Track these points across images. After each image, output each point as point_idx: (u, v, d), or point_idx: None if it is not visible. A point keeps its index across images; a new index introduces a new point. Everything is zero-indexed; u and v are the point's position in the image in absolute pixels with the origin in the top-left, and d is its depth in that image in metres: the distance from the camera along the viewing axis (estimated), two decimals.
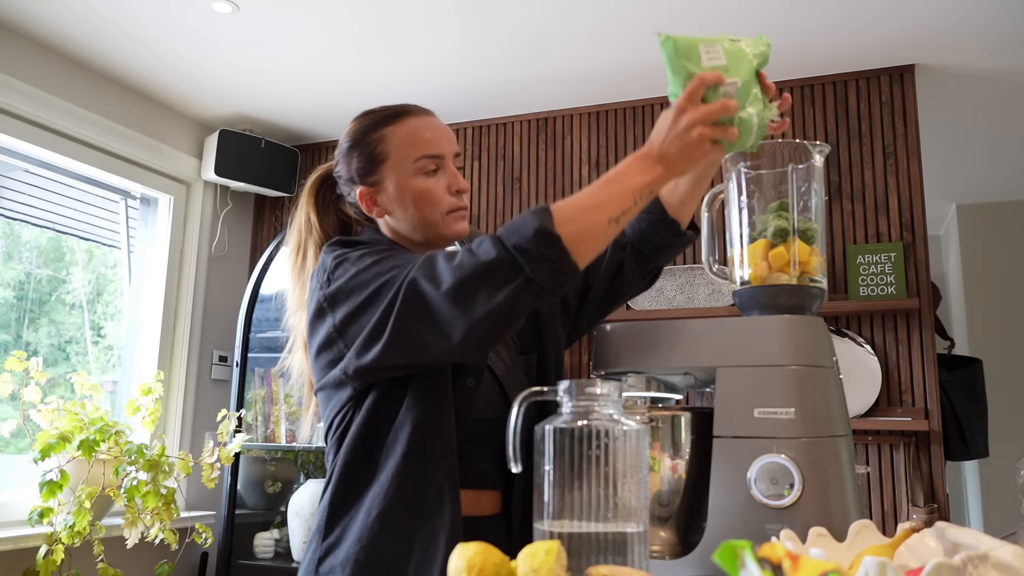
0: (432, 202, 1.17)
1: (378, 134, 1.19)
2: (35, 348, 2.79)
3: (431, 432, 1.04)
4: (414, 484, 1.03)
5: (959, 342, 4.21)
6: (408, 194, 1.17)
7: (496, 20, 2.51)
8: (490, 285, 0.94)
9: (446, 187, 1.18)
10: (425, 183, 1.17)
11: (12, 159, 2.68)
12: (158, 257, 3.18)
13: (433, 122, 1.22)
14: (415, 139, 1.18)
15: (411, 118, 1.20)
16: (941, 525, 0.75)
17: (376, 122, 1.21)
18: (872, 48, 2.66)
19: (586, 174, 3.13)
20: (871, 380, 2.63)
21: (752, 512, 0.91)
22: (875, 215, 2.75)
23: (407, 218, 1.19)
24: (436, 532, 1.00)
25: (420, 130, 1.19)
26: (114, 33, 2.59)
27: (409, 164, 1.17)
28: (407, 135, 1.18)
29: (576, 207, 0.97)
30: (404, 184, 1.17)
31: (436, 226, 1.18)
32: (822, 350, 0.97)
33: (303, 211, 1.27)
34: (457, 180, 1.20)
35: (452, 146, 1.21)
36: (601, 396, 0.88)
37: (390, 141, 1.19)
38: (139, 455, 2.42)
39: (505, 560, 0.72)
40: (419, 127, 1.19)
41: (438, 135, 1.20)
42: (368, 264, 1.05)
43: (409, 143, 1.18)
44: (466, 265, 0.96)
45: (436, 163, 1.18)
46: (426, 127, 1.20)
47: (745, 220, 1.06)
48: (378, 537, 1.01)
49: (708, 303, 2.83)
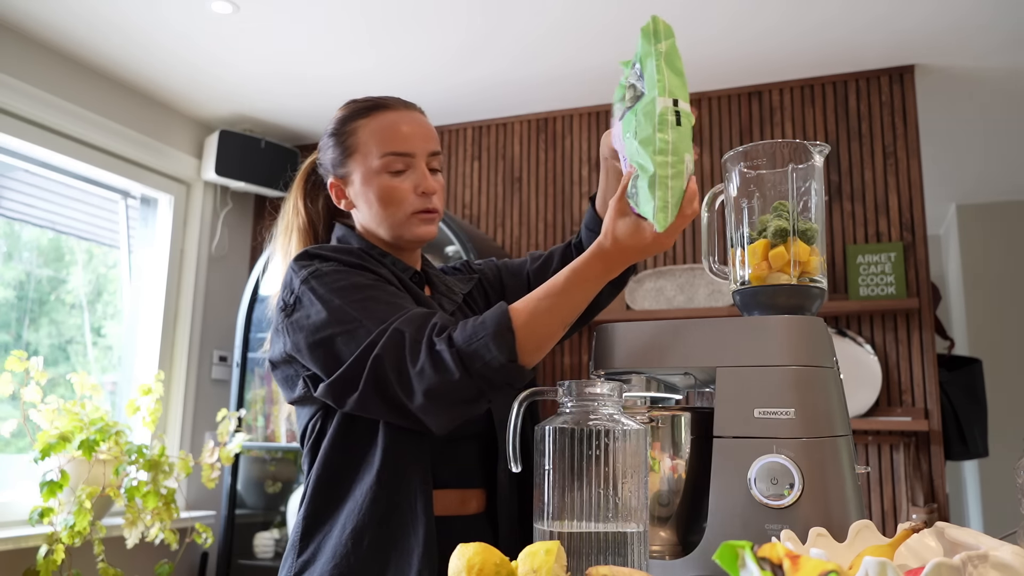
0: (395, 202, 1.14)
1: (352, 125, 1.16)
2: (35, 348, 2.79)
3: (405, 443, 1.03)
4: (388, 499, 1.02)
5: (959, 342, 4.21)
6: (372, 190, 1.14)
7: (496, 21, 2.51)
8: (449, 401, 0.96)
9: (412, 187, 1.14)
10: (390, 181, 1.14)
11: (12, 159, 2.68)
12: (158, 257, 3.18)
13: (411, 118, 1.17)
14: (385, 135, 1.14)
15: (387, 112, 1.16)
16: (941, 525, 0.75)
17: (352, 113, 1.18)
18: (872, 48, 2.66)
19: (586, 174, 3.13)
20: (871, 380, 2.63)
21: (752, 512, 0.91)
22: (875, 215, 2.75)
23: (371, 215, 1.16)
24: (410, 551, 1.00)
25: (394, 125, 1.15)
26: (114, 33, 2.59)
27: (375, 160, 1.13)
28: (378, 130, 1.15)
29: (539, 323, 0.98)
30: (369, 180, 1.14)
31: (399, 227, 1.15)
32: (822, 350, 0.97)
33: (292, 196, 1.26)
34: (425, 181, 1.15)
35: (427, 145, 1.16)
36: (601, 396, 0.88)
37: (361, 134, 1.15)
38: (139, 455, 2.42)
39: (505, 560, 0.72)
40: (393, 122, 1.15)
41: (412, 132, 1.15)
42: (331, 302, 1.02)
43: (378, 138, 1.14)
44: (428, 378, 0.95)
45: (405, 162, 1.14)
46: (402, 122, 1.15)
47: (745, 220, 1.06)
48: (351, 555, 1.01)
49: (708, 303, 2.83)
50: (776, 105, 2.92)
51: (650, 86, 0.93)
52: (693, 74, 2.87)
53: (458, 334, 0.97)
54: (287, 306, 1.06)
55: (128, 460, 2.42)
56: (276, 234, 1.28)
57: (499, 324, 0.96)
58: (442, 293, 1.22)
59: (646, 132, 0.90)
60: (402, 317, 0.99)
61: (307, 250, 1.11)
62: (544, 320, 0.98)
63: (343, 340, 1.00)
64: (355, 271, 1.07)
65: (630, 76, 0.98)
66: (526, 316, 0.98)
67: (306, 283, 1.05)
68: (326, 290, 1.03)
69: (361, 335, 0.99)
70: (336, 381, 0.99)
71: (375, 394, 0.98)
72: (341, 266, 1.08)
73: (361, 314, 1.00)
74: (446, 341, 0.96)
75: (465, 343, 0.95)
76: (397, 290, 1.08)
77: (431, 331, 0.98)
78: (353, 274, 1.06)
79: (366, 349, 0.98)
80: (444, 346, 0.95)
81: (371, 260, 1.11)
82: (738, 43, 2.64)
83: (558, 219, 3.14)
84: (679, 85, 0.92)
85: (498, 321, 0.96)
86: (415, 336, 0.97)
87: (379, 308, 1.01)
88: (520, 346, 0.96)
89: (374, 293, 1.04)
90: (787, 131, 2.89)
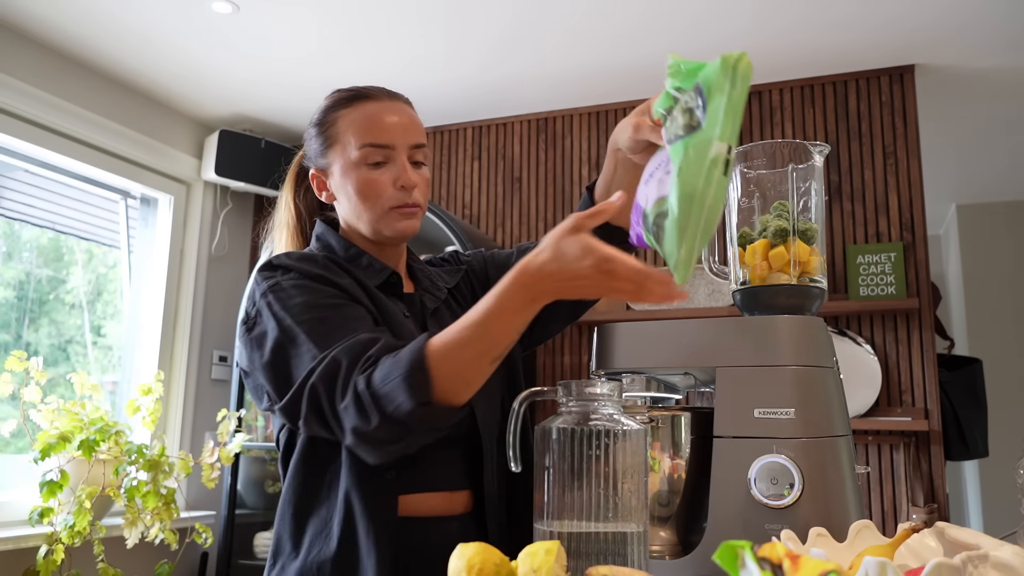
0: (372, 195, 1.10)
1: (333, 115, 1.13)
2: (35, 348, 2.79)
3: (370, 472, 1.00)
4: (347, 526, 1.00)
5: (959, 342, 4.21)
6: (350, 183, 1.11)
7: (499, 20, 2.51)
8: (374, 442, 0.91)
9: (392, 180, 1.10)
10: (368, 174, 1.10)
11: (12, 159, 2.68)
12: (158, 257, 3.18)
13: (394, 109, 1.13)
14: (364, 126, 1.10)
15: (369, 103, 1.12)
16: (941, 525, 0.75)
17: (335, 103, 1.15)
18: (872, 48, 2.66)
19: (586, 174, 3.13)
20: (871, 380, 2.63)
21: (752, 512, 0.91)
22: (875, 215, 2.75)
23: (350, 208, 1.13)
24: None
25: (374, 116, 1.11)
26: (114, 33, 2.59)
27: (354, 151, 1.10)
28: (358, 120, 1.11)
29: (459, 360, 0.89)
30: (347, 172, 1.11)
31: (377, 221, 1.11)
32: (822, 350, 0.97)
33: (284, 191, 1.25)
34: (405, 174, 1.10)
35: (409, 137, 1.11)
36: (601, 396, 0.88)
37: (340, 124, 1.12)
38: (139, 455, 2.42)
39: (505, 560, 0.72)
40: (374, 113, 1.11)
41: (393, 124, 1.11)
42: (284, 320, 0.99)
43: (357, 129, 1.10)
44: (351, 418, 0.91)
45: (384, 154, 1.10)
46: (384, 113, 1.11)
47: (745, 220, 1.06)
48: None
49: (708, 303, 2.83)
50: (776, 105, 2.92)
51: (711, 123, 0.84)
52: None
53: (377, 372, 0.91)
54: (248, 319, 1.04)
55: (128, 460, 2.42)
56: (271, 229, 1.27)
57: (411, 364, 0.89)
58: (425, 288, 1.19)
59: (692, 177, 0.82)
60: (343, 345, 0.94)
61: (271, 260, 1.08)
62: (464, 356, 0.90)
63: (294, 362, 0.97)
64: (314, 285, 1.03)
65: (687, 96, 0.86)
66: (443, 352, 0.89)
67: (265, 297, 1.03)
68: (281, 306, 1.00)
69: (306, 360, 0.95)
70: (284, 405, 0.97)
71: (316, 422, 0.95)
72: (301, 279, 1.04)
73: (310, 336, 0.97)
74: (366, 380, 0.90)
75: (380, 384, 0.89)
76: (357, 305, 1.03)
77: (362, 365, 0.92)
78: (310, 290, 1.02)
79: (306, 376, 0.94)
80: (364, 386, 0.90)
81: (335, 270, 1.07)
82: (738, 42, 2.64)
83: (558, 219, 3.14)
84: (735, 134, 0.85)
85: (411, 360, 0.89)
86: (348, 368, 0.92)
87: (327, 331, 0.97)
88: (437, 386, 0.88)
89: (326, 313, 1.00)
90: (787, 131, 2.89)
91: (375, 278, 1.12)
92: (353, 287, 1.06)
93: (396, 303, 1.12)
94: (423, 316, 1.15)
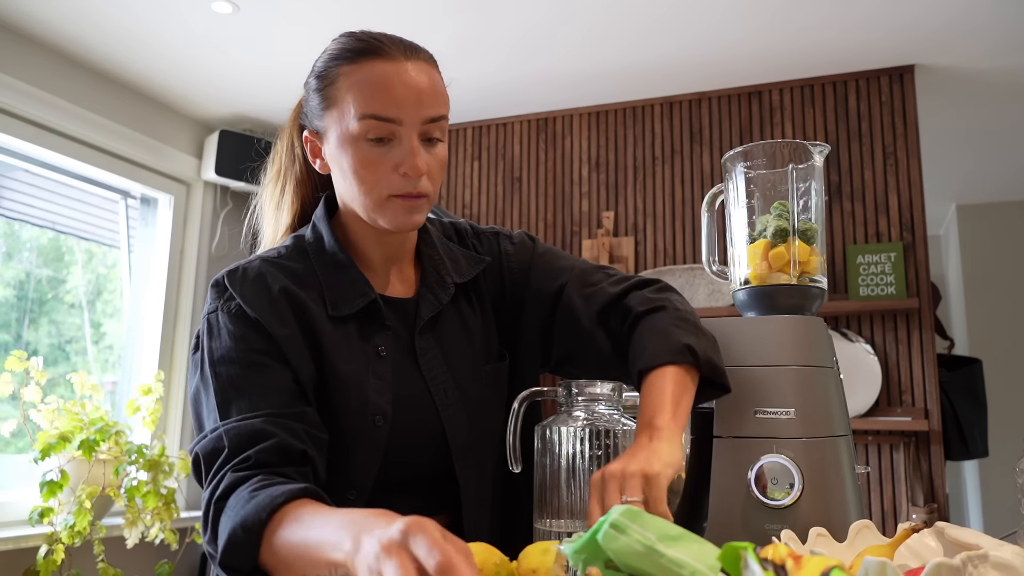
0: (370, 179, 0.91)
1: (336, 70, 0.93)
2: (35, 348, 2.79)
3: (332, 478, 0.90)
4: None
5: (959, 342, 4.21)
6: (346, 158, 0.91)
7: (496, 19, 2.51)
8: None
9: (395, 164, 0.90)
10: (368, 152, 0.90)
11: (12, 159, 2.68)
12: (158, 257, 3.18)
13: (409, 71, 0.90)
14: (369, 92, 0.89)
15: (378, 62, 0.90)
16: (941, 525, 0.75)
17: (338, 53, 0.94)
18: (872, 48, 2.66)
19: (586, 174, 3.13)
20: (871, 380, 2.63)
21: (752, 512, 0.91)
22: (875, 215, 2.75)
23: (346, 187, 0.95)
24: None
25: (382, 81, 0.89)
26: (114, 33, 2.59)
27: (352, 121, 0.90)
28: (361, 83, 0.90)
29: (282, 551, 0.72)
30: (343, 144, 0.91)
31: (375, 210, 0.92)
32: (822, 350, 0.97)
33: (285, 133, 1.06)
34: (412, 159, 0.89)
35: (424, 109, 0.90)
36: (601, 396, 0.88)
37: (341, 84, 0.92)
38: (139, 455, 2.42)
39: (505, 560, 0.72)
40: (383, 76, 0.90)
41: (405, 93, 0.89)
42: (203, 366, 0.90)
43: (359, 95, 0.90)
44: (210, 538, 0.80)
45: (389, 129, 0.89)
46: (394, 77, 0.90)
47: (745, 220, 1.06)
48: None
49: (708, 303, 2.83)
50: (776, 105, 2.92)
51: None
52: (694, 74, 2.88)
53: (233, 495, 0.78)
54: (196, 338, 0.94)
55: (128, 460, 2.42)
56: (264, 182, 1.08)
57: (246, 520, 0.74)
58: (428, 287, 1.01)
59: None
60: (237, 424, 0.83)
61: (224, 276, 0.93)
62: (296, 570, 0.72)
63: (204, 411, 0.89)
64: (246, 333, 0.89)
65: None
66: (283, 547, 0.72)
67: (203, 322, 0.93)
68: (208, 346, 0.90)
69: (208, 419, 0.87)
70: (191, 449, 0.87)
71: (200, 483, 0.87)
72: (238, 319, 0.90)
73: (217, 394, 0.86)
74: (220, 492, 0.79)
75: (227, 508, 0.78)
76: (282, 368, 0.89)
77: (236, 464, 0.81)
78: (238, 338, 0.89)
79: (197, 441, 0.86)
80: (215, 497, 0.79)
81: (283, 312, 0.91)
82: (738, 43, 2.64)
83: (558, 219, 3.14)
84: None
85: (251, 516, 0.74)
86: (224, 460, 0.82)
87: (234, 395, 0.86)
88: (264, 560, 0.74)
89: (243, 372, 0.87)
90: (787, 131, 2.89)
91: (352, 303, 0.95)
92: (292, 341, 0.90)
93: (373, 336, 0.96)
94: (412, 334, 0.98)
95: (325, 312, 0.94)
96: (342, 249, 0.97)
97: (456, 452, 0.96)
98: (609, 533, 0.58)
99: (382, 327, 0.96)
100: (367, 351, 0.94)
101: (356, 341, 0.94)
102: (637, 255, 3.00)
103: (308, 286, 0.95)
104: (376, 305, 0.96)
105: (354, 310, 0.94)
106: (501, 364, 1.04)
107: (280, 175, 1.06)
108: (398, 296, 1.01)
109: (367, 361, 0.94)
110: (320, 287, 0.95)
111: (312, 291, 0.94)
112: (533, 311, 1.05)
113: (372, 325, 0.96)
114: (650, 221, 3.01)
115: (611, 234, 3.04)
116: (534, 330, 1.06)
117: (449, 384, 0.98)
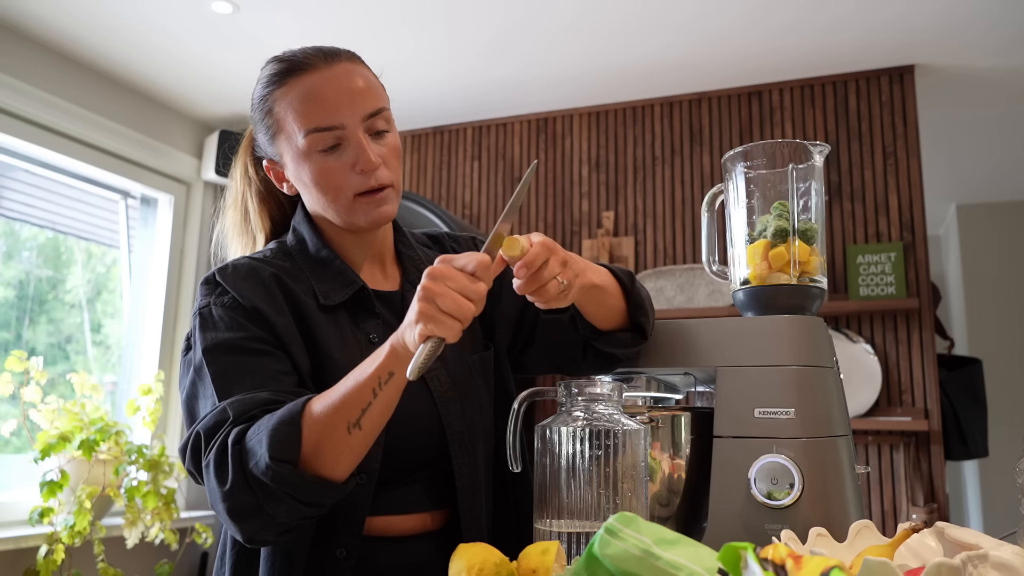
0: (332, 187, 0.94)
1: (270, 99, 0.96)
2: (34, 348, 2.79)
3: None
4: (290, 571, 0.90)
5: (959, 342, 4.21)
6: (305, 174, 0.95)
7: (497, 18, 2.51)
8: (231, 517, 0.80)
9: (350, 165, 0.93)
10: (322, 163, 0.93)
11: (12, 159, 2.68)
12: (158, 257, 3.18)
13: (334, 77, 0.93)
14: (303, 107, 0.92)
15: (303, 76, 0.93)
16: (941, 525, 0.75)
17: (267, 81, 0.97)
18: (872, 48, 2.66)
19: (586, 174, 3.13)
20: (871, 380, 2.63)
21: (752, 512, 0.91)
22: (875, 215, 2.75)
23: (314, 201, 0.98)
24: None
25: (312, 93, 0.92)
26: (114, 33, 2.59)
27: (300, 140, 0.93)
28: (295, 101, 0.93)
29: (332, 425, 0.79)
30: (299, 162, 0.95)
31: (346, 214, 0.96)
32: (822, 350, 0.97)
33: (238, 161, 1.10)
34: (364, 155, 0.92)
35: (360, 106, 0.93)
36: (601, 396, 0.88)
37: (278, 109, 0.95)
38: (139, 455, 2.42)
39: (505, 560, 0.72)
40: (312, 89, 0.92)
41: (337, 98, 0.92)
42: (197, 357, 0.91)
43: (297, 113, 0.93)
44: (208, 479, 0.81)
45: (335, 136, 0.92)
46: (322, 86, 0.92)
47: (745, 220, 1.06)
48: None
49: (708, 303, 2.83)
50: (776, 105, 2.92)
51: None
52: (694, 74, 2.88)
53: (252, 427, 0.80)
54: (187, 337, 0.94)
55: (128, 460, 2.42)
56: (223, 209, 1.10)
57: (281, 417, 0.79)
58: (411, 282, 1.05)
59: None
60: (240, 397, 0.84)
61: (215, 273, 0.95)
62: (323, 411, 0.79)
63: (200, 404, 0.89)
64: (243, 322, 0.91)
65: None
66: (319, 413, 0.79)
67: (196, 318, 0.93)
68: (203, 337, 0.90)
69: (206, 406, 0.87)
70: (180, 448, 0.89)
71: (196, 475, 0.86)
72: (234, 309, 0.91)
73: (215, 380, 0.87)
74: (239, 434, 0.80)
75: (248, 438, 0.79)
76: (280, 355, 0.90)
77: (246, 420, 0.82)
78: (236, 326, 0.90)
79: (196, 423, 0.86)
80: (234, 439, 0.80)
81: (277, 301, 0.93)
82: (738, 43, 2.64)
83: (558, 219, 3.14)
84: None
85: (283, 413, 0.79)
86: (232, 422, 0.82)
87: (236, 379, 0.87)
88: (306, 446, 0.78)
89: (243, 359, 0.88)
90: (787, 131, 2.89)
91: (341, 292, 0.98)
92: (288, 329, 0.92)
93: (364, 324, 0.99)
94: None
95: (316, 303, 0.96)
96: (326, 246, 1.01)
97: (452, 439, 0.97)
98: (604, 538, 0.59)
99: (372, 314, 0.99)
100: (359, 339, 0.97)
101: (348, 330, 0.97)
102: (637, 255, 3.00)
103: (297, 280, 0.97)
104: (365, 292, 0.99)
105: (344, 298, 0.97)
106: (486, 354, 1.07)
107: (240, 199, 1.09)
108: (384, 289, 1.04)
109: (360, 349, 0.96)
110: (309, 282, 0.98)
111: (301, 285, 0.97)
112: (509, 301, 1.10)
113: (362, 312, 0.99)
114: (650, 221, 3.01)
115: (611, 234, 3.04)
116: (509, 319, 1.11)
117: (440, 372, 1.00)
